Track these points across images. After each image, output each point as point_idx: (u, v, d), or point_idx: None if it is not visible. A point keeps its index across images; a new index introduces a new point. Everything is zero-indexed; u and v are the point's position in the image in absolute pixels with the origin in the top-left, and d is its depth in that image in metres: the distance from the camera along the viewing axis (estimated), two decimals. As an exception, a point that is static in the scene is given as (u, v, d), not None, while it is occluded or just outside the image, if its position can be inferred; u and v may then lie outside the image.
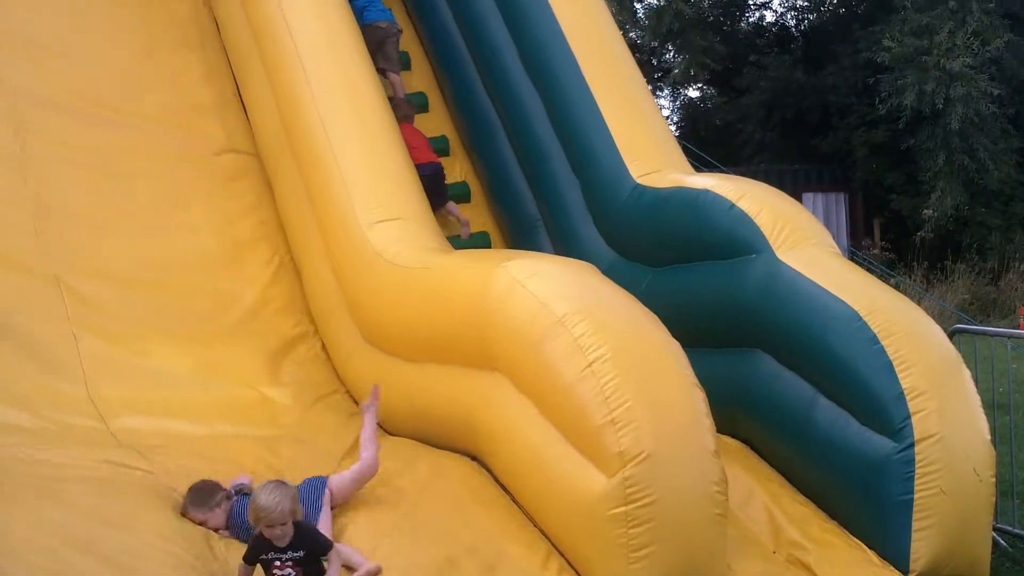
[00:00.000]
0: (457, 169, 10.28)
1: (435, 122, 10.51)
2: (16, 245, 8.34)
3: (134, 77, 9.72)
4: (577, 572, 5.69)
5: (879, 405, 6.15)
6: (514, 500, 6.17)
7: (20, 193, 8.64)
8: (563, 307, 5.86)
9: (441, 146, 10.28)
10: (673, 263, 7.79)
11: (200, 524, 5.99)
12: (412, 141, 9.39)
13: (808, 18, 27.14)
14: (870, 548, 6.18)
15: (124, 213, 8.83)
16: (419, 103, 10.44)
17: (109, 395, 7.54)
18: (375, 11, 10.27)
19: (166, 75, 9.84)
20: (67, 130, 9.15)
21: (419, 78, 10.67)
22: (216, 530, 6.01)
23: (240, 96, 9.89)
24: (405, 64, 10.66)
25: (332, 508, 6.12)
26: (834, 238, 7.38)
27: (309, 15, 8.94)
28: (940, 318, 15.21)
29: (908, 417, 6.03)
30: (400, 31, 10.49)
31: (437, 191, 9.54)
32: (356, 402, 7.96)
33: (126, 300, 8.32)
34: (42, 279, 8.20)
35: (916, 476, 5.99)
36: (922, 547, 5.99)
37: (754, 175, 13.79)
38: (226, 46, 10.10)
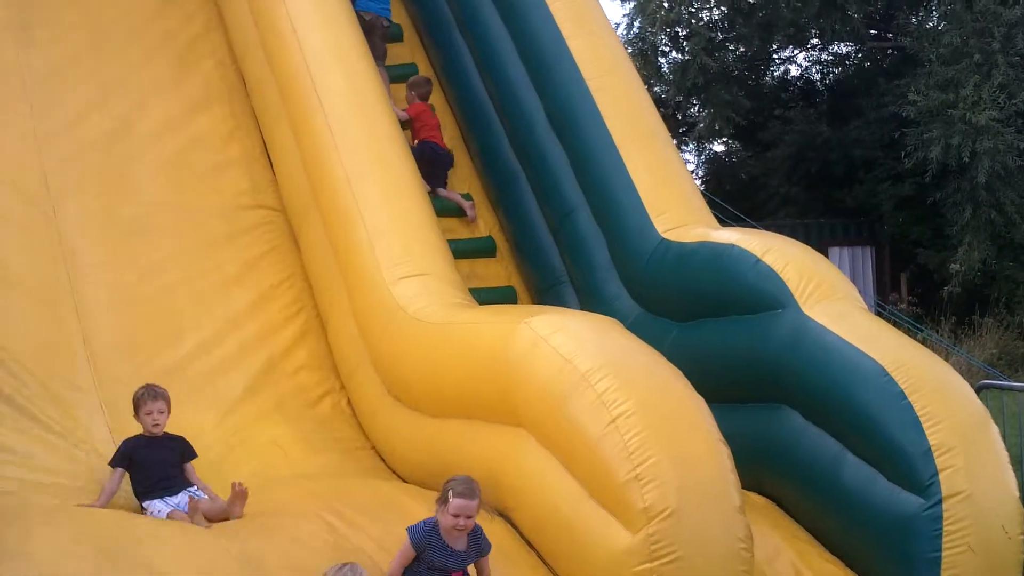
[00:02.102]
0: (482, 224, 10.32)
1: (460, 177, 10.57)
2: (44, 301, 8.40)
3: (163, 132, 9.80)
4: (602, 629, 5.65)
5: (906, 461, 6.09)
6: (539, 556, 6.13)
7: (53, 251, 8.72)
8: (587, 363, 5.85)
9: (466, 200, 10.33)
10: (698, 318, 7.76)
11: None
12: (423, 122, 10.13)
13: (833, 72, 27.17)
14: (898, 606, 6.11)
15: (149, 267, 8.88)
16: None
17: None
18: (369, 1, 10.53)
19: (194, 130, 9.93)
20: (96, 187, 9.23)
21: (445, 132, 10.71)
22: None
23: (267, 151, 9.95)
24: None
25: None
26: (860, 292, 7.34)
27: (335, 72, 9.01)
28: (968, 373, 15.08)
29: (936, 474, 5.98)
30: (387, 25, 10.74)
31: (439, 174, 10.18)
32: (382, 457, 7.95)
33: (152, 357, 8.37)
34: (69, 339, 8.26)
35: (944, 534, 5.93)
36: (951, 605, 5.93)
37: (779, 229, 13.79)
38: (253, 102, 10.18)
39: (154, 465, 6.76)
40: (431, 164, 10.04)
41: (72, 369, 8.11)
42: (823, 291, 6.97)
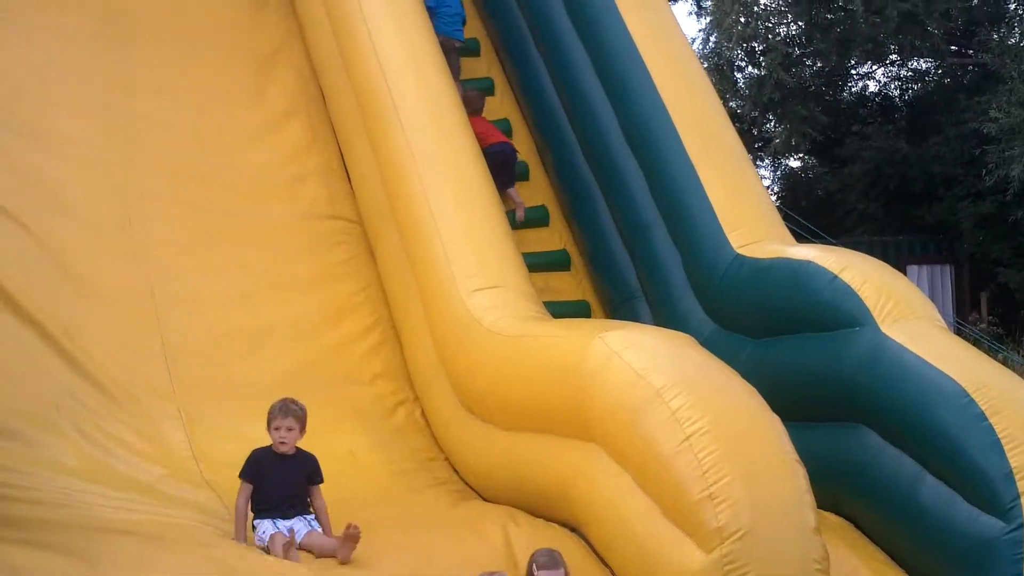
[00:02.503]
0: (556, 238, 10.33)
1: (534, 191, 10.58)
2: (127, 311, 8.55)
3: (243, 145, 9.98)
4: (674, 648, 5.60)
5: (987, 484, 5.99)
6: (611, 572, 6.10)
7: (136, 260, 8.88)
8: (661, 379, 5.82)
9: (540, 215, 10.36)
10: (773, 335, 7.69)
11: None
12: (480, 128, 9.88)
13: (912, 88, 26.87)
14: (977, 631, 6.01)
15: (229, 277, 9.01)
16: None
17: (212, 458, 7.65)
18: (441, 23, 10.62)
19: (274, 142, 10.07)
20: (176, 197, 9.37)
21: (520, 146, 10.74)
22: None
23: (344, 163, 10.03)
24: (507, 131, 10.78)
25: None
26: (939, 311, 7.24)
27: (411, 84, 9.07)
28: (1049, 394, 14.80)
29: (1017, 497, 5.87)
30: (459, 46, 10.89)
31: (506, 172, 10.09)
32: (455, 469, 7.97)
33: (230, 363, 8.47)
34: (149, 346, 8.38)
35: (1025, 558, 5.83)
36: (1031, 630, 5.82)
37: (856, 246, 13.63)
38: (331, 114, 10.28)
39: (275, 485, 6.50)
40: (495, 168, 9.96)
41: (150, 375, 8.23)
42: (901, 309, 6.87)
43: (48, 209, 8.96)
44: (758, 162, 27.52)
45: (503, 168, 10.08)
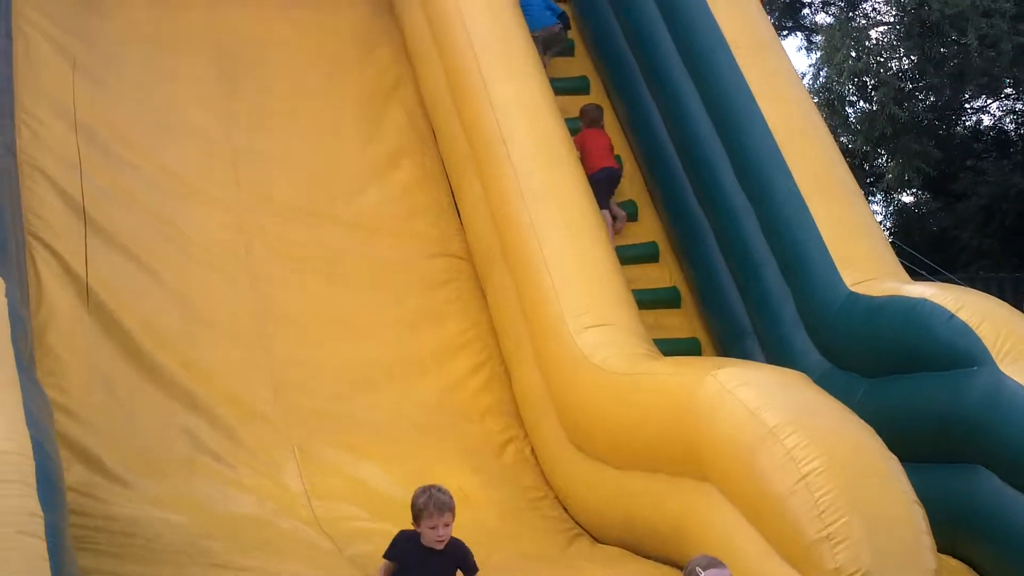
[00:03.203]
0: (666, 274, 10.30)
1: (645, 228, 10.58)
2: (242, 345, 8.72)
3: (355, 183, 10.13)
4: None
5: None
6: (724, 613, 6.06)
7: (250, 295, 9.07)
8: (775, 417, 5.78)
9: (650, 252, 10.36)
10: (888, 373, 7.60)
11: None
12: (593, 144, 10.29)
13: (1028, 122, 26.44)
14: None
15: (341, 314, 9.15)
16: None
17: (323, 493, 7.75)
18: (538, 16, 11.01)
19: (385, 181, 10.22)
20: (289, 233, 9.55)
21: (628, 185, 10.78)
22: None
23: (454, 201, 10.14)
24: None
25: None
26: (1060, 350, 7.09)
27: (522, 123, 9.15)
28: None
29: None
30: (556, 30, 11.29)
31: (608, 192, 10.33)
32: (564, 507, 7.97)
33: (341, 399, 8.60)
34: (263, 382, 8.54)
35: None
36: None
37: (972, 283, 13.43)
38: (442, 152, 10.40)
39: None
40: (609, 186, 10.35)
41: (263, 409, 8.38)
42: (1020, 348, 6.75)
43: (167, 245, 9.20)
44: (870, 198, 27.18)
45: (608, 188, 10.33)
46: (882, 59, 23.82)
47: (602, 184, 10.09)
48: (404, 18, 11.27)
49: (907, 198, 28.49)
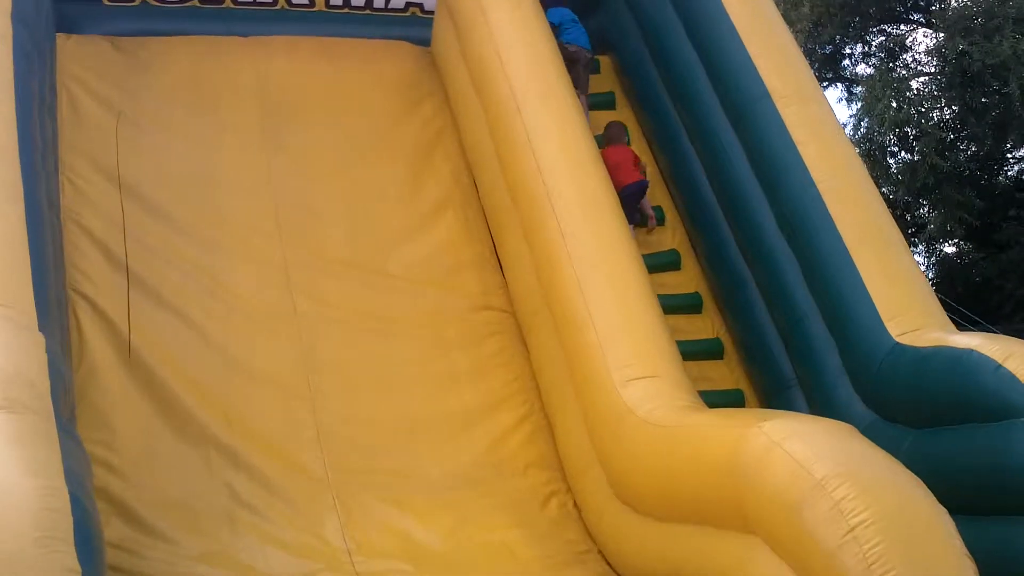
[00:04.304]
0: (709, 326, 10.27)
1: (686, 278, 10.56)
2: (283, 398, 8.73)
3: (399, 236, 10.17)
4: None
5: None
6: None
7: (294, 350, 9.09)
8: (822, 469, 5.71)
9: (693, 302, 10.31)
10: (936, 425, 7.51)
11: None
12: (616, 158, 10.42)
13: (1073, 172, 26.27)
14: None
15: (384, 367, 9.15)
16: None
17: (366, 549, 7.71)
18: (570, 34, 11.19)
19: (429, 234, 10.27)
20: (333, 287, 9.61)
21: (671, 234, 10.76)
22: None
23: (497, 254, 10.14)
24: (658, 221, 10.86)
25: None
26: (1109, 401, 6.99)
27: (567, 179, 9.16)
28: None
29: None
30: (591, 57, 11.37)
31: (638, 201, 10.57)
32: (608, 562, 7.89)
33: (385, 453, 8.55)
34: (306, 436, 8.54)
35: None
36: None
37: (1017, 334, 13.26)
38: (485, 206, 10.43)
39: None
40: (629, 207, 10.36)
41: (306, 463, 8.37)
42: (1070, 399, 6.68)
43: (209, 300, 9.24)
44: (912, 248, 27.03)
45: (632, 206, 10.46)
46: (923, 109, 23.76)
47: (631, 200, 10.29)
48: (447, 71, 11.34)
49: (949, 248, 28.32)
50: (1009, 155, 26.34)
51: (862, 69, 26.53)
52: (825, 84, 26.56)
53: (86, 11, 11.52)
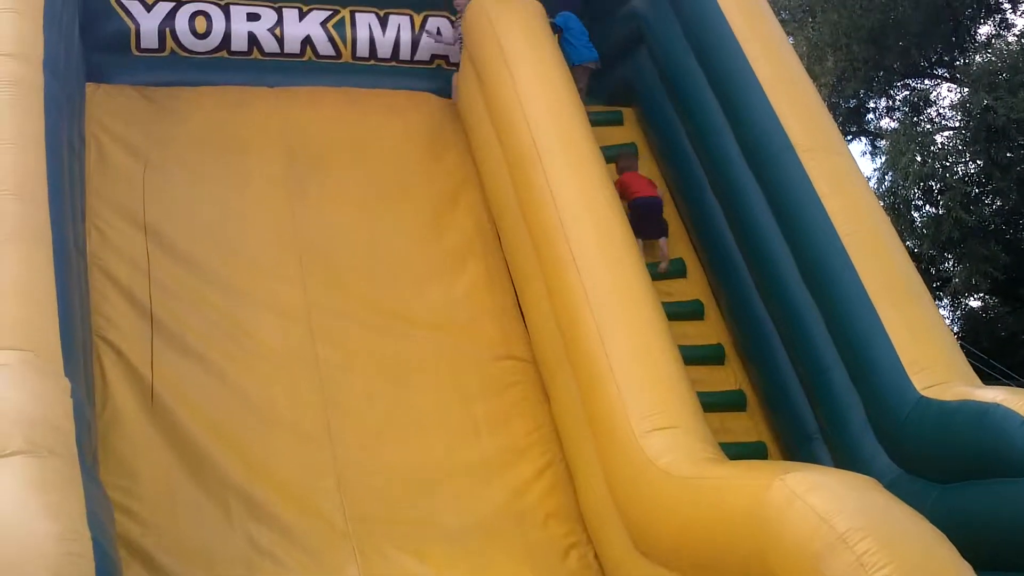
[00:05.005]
0: (732, 377, 10.23)
1: (710, 329, 10.53)
2: (305, 445, 8.74)
3: (421, 284, 10.20)
4: None
5: None
6: None
7: (315, 396, 9.10)
8: (845, 523, 5.69)
9: (716, 353, 10.29)
10: (961, 479, 7.47)
11: None
12: (632, 182, 10.87)
13: (1096, 227, 26.17)
14: None
15: (407, 415, 9.16)
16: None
17: None
18: (575, 48, 11.64)
19: (451, 283, 10.30)
20: (356, 335, 9.64)
21: (693, 285, 10.75)
22: None
23: (518, 304, 10.16)
24: (680, 271, 10.87)
25: None
26: None
27: (587, 228, 9.23)
28: None
29: None
30: (594, 68, 11.87)
31: (650, 223, 10.72)
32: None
33: (405, 502, 8.52)
34: (327, 484, 8.53)
35: None
36: None
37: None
38: (507, 255, 10.46)
39: None
40: (642, 219, 10.58)
41: (326, 511, 8.35)
42: (1096, 454, 6.63)
43: (233, 347, 9.27)
44: (937, 302, 26.91)
45: (646, 219, 10.60)
46: (948, 163, 23.76)
47: (641, 211, 10.49)
48: (471, 123, 11.41)
49: (975, 303, 28.21)
50: (1033, 209, 26.29)
51: (886, 123, 26.57)
52: (849, 138, 26.58)
53: (116, 61, 11.67)
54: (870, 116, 26.88)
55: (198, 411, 8.72)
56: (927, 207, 24.97)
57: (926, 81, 26.26)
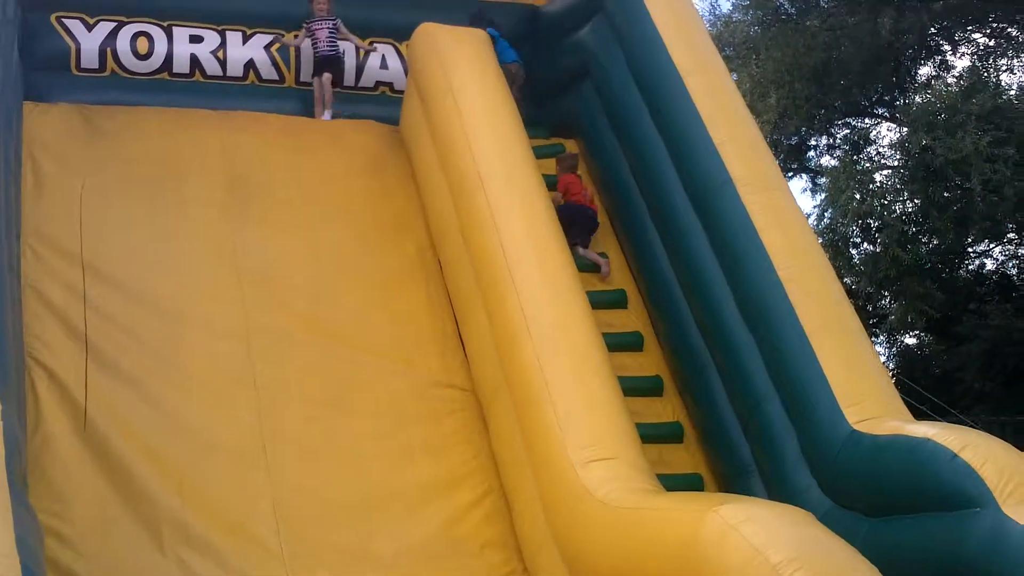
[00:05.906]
0: (670, 409, 10.24)
1: (649, 360, 10.54)
2: (241, 471, 8.67)
3: (360, 311, 10.17)
4: None
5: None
6: None
7: (252, 420, 9.05)
8: (779, 554, 5.72)
9: (654, 385, 10.31)
10: (891, 514, 7.50)
11: None
12: (570, 181, 11.21)
13: (1030, 267, 26.55)
14: None
15: (345, 441, 9.11)
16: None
17: None
18: (508, 53, 11.83)
19: (391, 309, 10.28)
20: (295, 360, 9.58)
21: (633, 316, 10.78)
22: None
23: (459, 332, 10.14)
24: (621, 303, 10.86)
25: None
26: (1065, 494, 7.00)
27: (529, 253, 9.26)
28: None
29: None
30: (515, 70, 11.86)
31: (576, 231, 10.79)
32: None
33: (341, 526, 8.48)
34: (263, 510, 8.46)
35: None
36: None
37: (974, 426, 13.32)
38: (448, 283, 10.46)
39: None
40: (572, 223, 10.60)
41: (261, 536, 8.28)
42: (1025, 491, 6.69)
43: (169, 372, 9.21)
44: (873, 339, 27.19)
45: (573, 226, 10.64)
46: (886, 202, 24.05)
47: (567, 218, 10.46)
48: (414, 149, 11.42)
49: (910, 340, 28.51)
50: (970, 249, 26.62)
51: (826, 160, 26.88)
52: (790, 174, 26.85)
53: (55, 80, 11.61)
54: (811, 153, 27.19)
55: (132, 435, 8.63)
56: (865, 244, 25.26)
57: (866, 120, 26.64)
